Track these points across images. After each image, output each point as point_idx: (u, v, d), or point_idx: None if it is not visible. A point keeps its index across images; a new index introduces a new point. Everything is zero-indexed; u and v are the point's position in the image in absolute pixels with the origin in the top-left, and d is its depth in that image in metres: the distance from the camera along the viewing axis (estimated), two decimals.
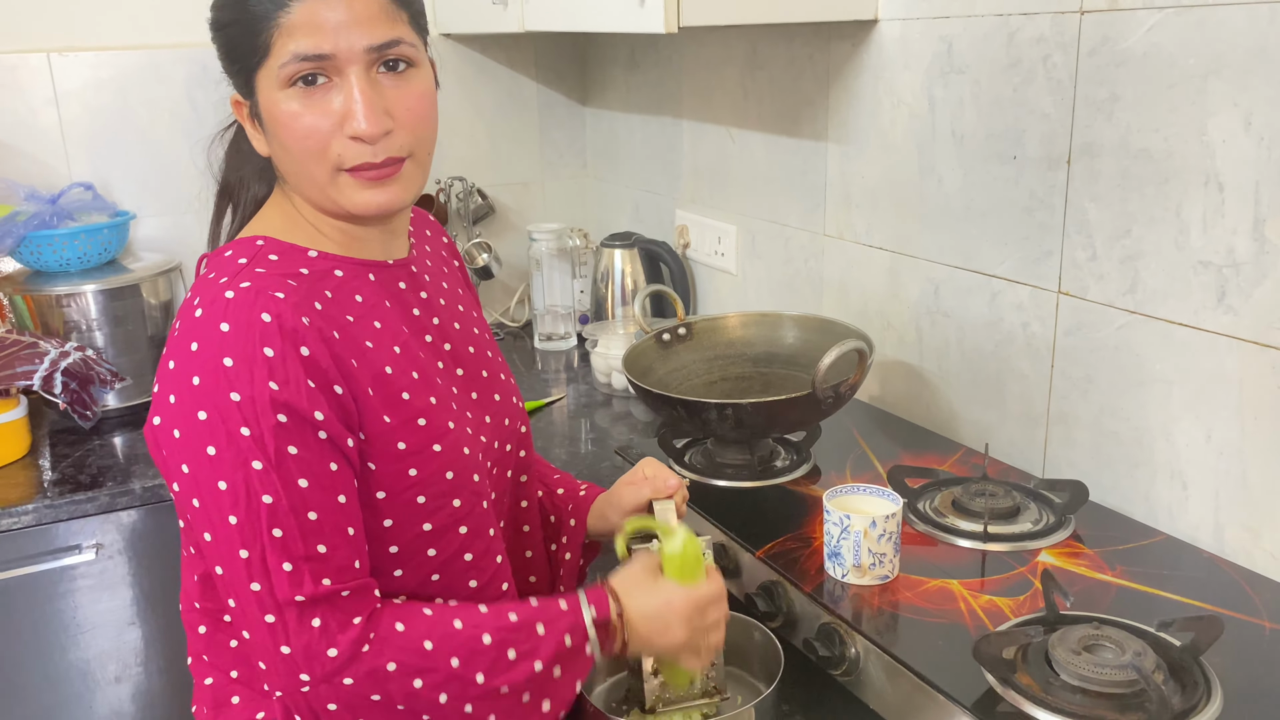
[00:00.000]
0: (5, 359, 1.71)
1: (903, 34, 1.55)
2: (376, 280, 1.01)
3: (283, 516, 0.88)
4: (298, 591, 0.88)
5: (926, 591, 1.14)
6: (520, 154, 2.54)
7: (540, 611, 0.97)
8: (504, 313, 2.56)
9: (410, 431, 0.96)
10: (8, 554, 1.61)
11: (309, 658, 0.89)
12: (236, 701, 1.03)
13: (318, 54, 0.90)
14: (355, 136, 0.92)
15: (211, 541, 0.89)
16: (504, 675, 0.93)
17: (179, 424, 0.88)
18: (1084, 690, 0.93)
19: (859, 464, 1.47)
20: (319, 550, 0.89)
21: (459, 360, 1.07)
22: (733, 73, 1.97)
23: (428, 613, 0.95)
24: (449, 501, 0.99)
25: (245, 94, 0.96)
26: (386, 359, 0.97)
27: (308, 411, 0.88)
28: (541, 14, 1.81)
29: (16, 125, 2.05)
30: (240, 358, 0.87)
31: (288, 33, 0.90)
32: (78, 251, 1.90)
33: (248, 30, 0.92)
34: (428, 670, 0.92)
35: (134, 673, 1.74)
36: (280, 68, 0.91)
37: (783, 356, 1.61)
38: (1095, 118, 1.29)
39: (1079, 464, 1.39)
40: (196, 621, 1.04)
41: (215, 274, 0.93)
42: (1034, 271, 1.41)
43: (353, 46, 0.91)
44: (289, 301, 0.89)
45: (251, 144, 1.01)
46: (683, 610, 0.99)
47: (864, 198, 1.69)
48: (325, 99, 0.92)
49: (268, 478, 0.87)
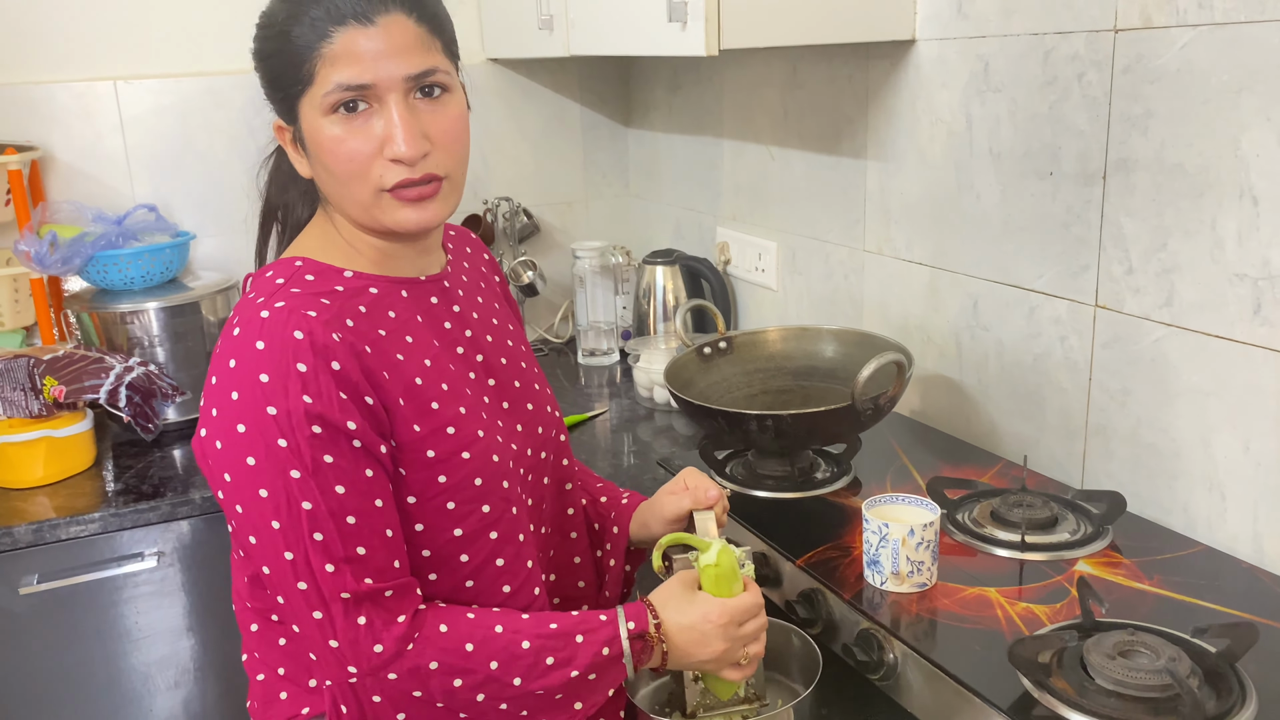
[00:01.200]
0: (73, 374, 1.78)
1: (940, 53, 1.58)
2: (409, 296, 1.06)
3: (322, 521, 0.93)
4: (342, 589, 0.93)
5: (964, 599, 1.16)
6: (565, 174, 2.60)
7: (580, 622, 1.01)
8: (548, 329, 2.61)
9: (439, 440, 1.00)
10: (75, 560, 1.67)
11: (356, 652, 0.94)
12: (284, 697, 1.08)
13: (359, 83, 0.95)
14: (395, 159, 0.97)
15: (257, 544, 0.95)
16: (540, 680, 0.98)
17: (221, 436, 0.94)
18: (1119, 694, 0.95)
19: (899, 476, 1.49)
20: (359, 552, 0.94)
21: (491, 371, 1.12)
22: (773, 92, 2.01)
23: (470, 616, 0.99)
24: (478, 507, 1.03)
25: (288, 119, 1.01)
26: (417, 371, 1.01)
27: (341, 422, 0.93)
28: (586, 38, 1.86)
29: (85, 150, 2.14)
30: (275, 374, 0.92)
31: (330, 62, 0.95)
32: (141, 270, 1.98)
33: (291, 60, 0.96)
34: (467, 671, 0.96)
35: (190, 679, 1.79)
36: (324, 96, 0.96)
37: (822, 370, 1.64)
38: (1130, 133, 1.31)
39: (1117, 476, 1.40)
40: (249, 620, 1.10)
41: (255, 294, 0.99)
42: (1071, 285, 1.43)
43: (392, 75, 0.96)
44: (320, 319, 0.94)
45: (294, 167, 1.06)
46: (720, 622, 1.02)
47: (903, 214, 1.72)
48: (366, 125, 0.97)
49: (306, 485, 0.92)
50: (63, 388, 1.76)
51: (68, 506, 1.69)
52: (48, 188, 2.12)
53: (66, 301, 2.02)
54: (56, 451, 1.77)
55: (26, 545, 1.64)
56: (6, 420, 1.75)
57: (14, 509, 1.68)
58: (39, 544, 1.64)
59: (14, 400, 1.74)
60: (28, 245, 1.87)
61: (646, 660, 1.03)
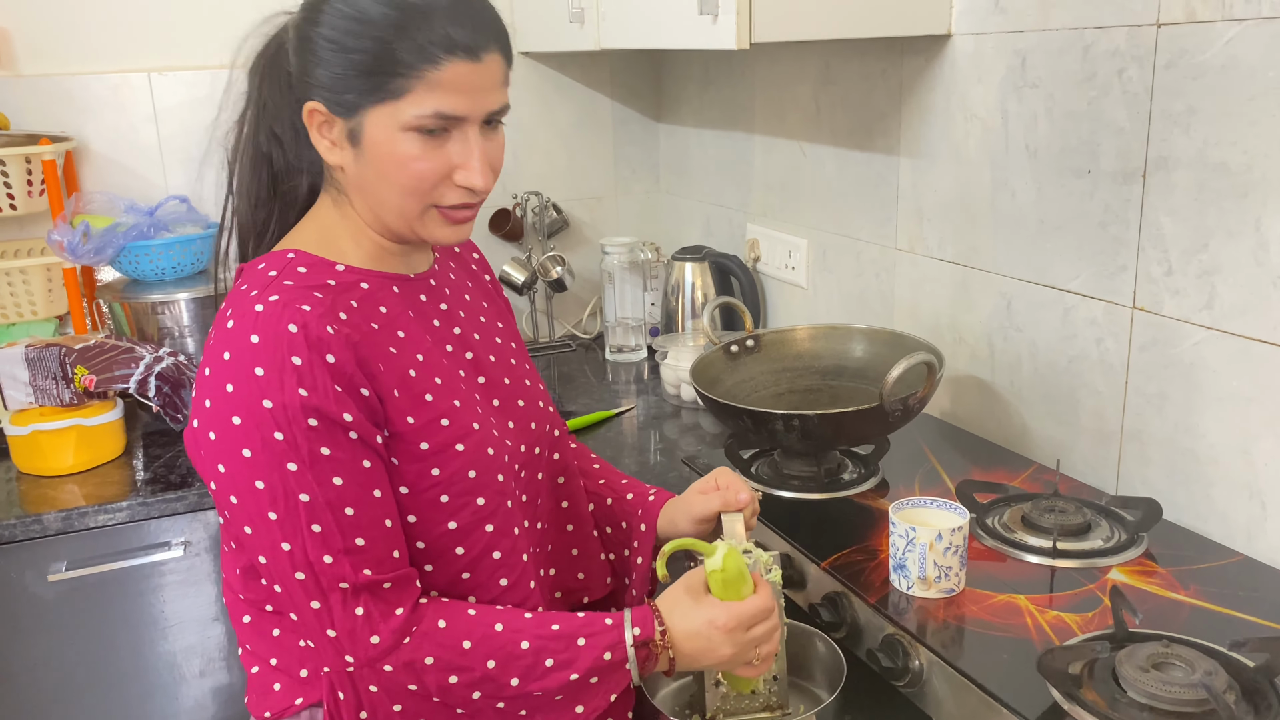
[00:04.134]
0: (104, 363, 1.80)
1: (976, 48, 1.55)
2: (400, 292, 1.06)
3: (320, 513, 0.92)
4: (341, 579, 0.93)
5: (993, 606, 1.13)
6: (595, 169, 2.58)
7: (585, 625, 1.00)
8: (576, 325, 2.60)
9: (433, 432, 1.00)
10: (104, 548, 1.69)
11: (353, 642, 0.94)
12: (278, 689, 1.08)
13: (457, 115, 0.96)
14: (468, 188, 0.99)
15: (252, 535, 0.94)
16: (538, 682, 0.97)
17: (215, 428, 0.93)
18: (1152, 708, 0.92)
19: (928, 478, 1.47)
20: (357, 543, 0.94)
21: (480, 369, 1.11)
22: (805, 88, 1.98)
23: (472, 613, 0.99)
24: (472, 500, 1.02)
25: (342, 113, 0.97)
26: (410, 364, 1.01)
27: (337, 414, 0.93)
28: (617, 32, 1.85)
29: (119, 141, 2.16)
30: (270, 367, 0.91)
31: (432, 86, 0.94)
32: (172, 261, 1.99)
33: (383, 69, 0.94)
34: (463, 669, 0.96)
35: (217, 668, 1.80)
36: (415, 116, 0.95)
37: (851, 369, 1.61)
38: (1172, 131, 1.27)
39: (1153, 482, 1.37)
40: (241, 612, 1.10)
41: (247, 286, 0.98)
42: (1108, 286, 1.39)
43: (482, 110, 0.98)
44: (314, 313, 0.94)
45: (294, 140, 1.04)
46: (726, 627, 1.00)
47: (936, 212, 1.69)
48: (442, 149, 0.97)
49: (303, 478, 0.92)
50: (93, 377, 1.77)
51: (97, 495, 1.70)
52: (81, 178, 2.14)
53: (99, 291, 2.04)
54: (87, 440, 1.78)
55: (56, 533, 1.65)
56: (38, 408, 1.77)
57: (44, 496, 1.70)
58: (68, 531, 1.66)
59: (46, 389, 1.76)
60: (61, 235, 1.88)
61: (653, 667, 1.01)
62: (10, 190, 1.92)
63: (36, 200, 1.96)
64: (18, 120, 2.06)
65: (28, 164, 1.93)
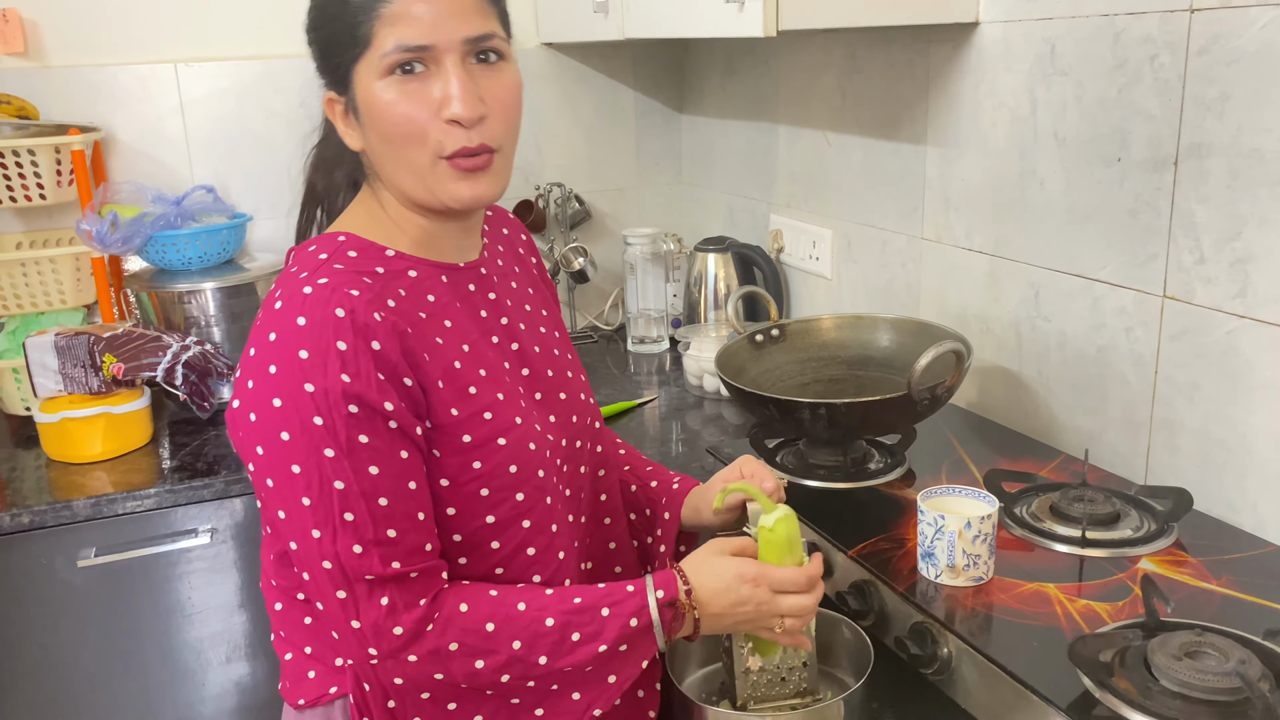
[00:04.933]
0: (131, 352, 1.81)
1: (1004, 36, 1.54)
2: (448, 282, 1.05)
3: (354, 501, 0.92)
4: (367, 571, 0.92)
5: (1021, 594, 1.13)
6: (617, 160, 2.58)
7: (606, 595, 0.99)
8: (598, 316, 2.60)
9: (476, 425, 0.99)
10: (131, 535, 1.70)
11: (377, 634, 0.93)
12: (313, 676, 1.07)
13: (419, 44, 0.94)
14: (453, 120, 0.95)
15: (285, 519, 0.94)
16: (567, 657, 0.96)
17: (255, 408, 0.93)
18: (1185, 697, 0.92)
19: (955, 468, 1.46)
20: (389, 534, 0.93)
21: (525, 360, 1.10)
22: (830, 77, 1.98)
23: (493, 594, 0.97)
24: (512, 495, 1.01)
25: (341, 89, 0.99)
26: (455, 355, 1.00)
27: (378, 402, 0.92)
28: (641, 21, 1.84)
29: (145, 131, 2.17)
30: (315, 350, 0.91)
31: (389, 23, 0.94)
32: (199, 251, 2.00)
33: (347, 24, 0.95)
34: (489, 652, 0.95)
35: (241, 655, 1.81)
36: (382, 57, 0.94)
37: (877, 359, 1.61)
38: (1205, 118, 1.26)
39: (1183, 472, 1.36)
40: (274, 598, 1.09)
41: (297, 268, 0.98)
42: (1138, 275, 1.38)
43: (451, 37, 0.95)
44: (363, 299, 0.93)
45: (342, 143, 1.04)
46: (755, 580, 1.00)
47: (963, 201, 1.68)
48: (423, 87, 0.96)
49: (339, 465, 0.91)
50: (121, 365, 1.78)
51: (125, 482, 1.71)
52: (109, 168, 2.15)
53: (126, 281, 2.06)
54: (115, 428, 1.80)
55: (85, 519, 1.66)
56: (67, 396, 1.78)
57: (73, 483, 1.71)
58: (96, 518, 1.67)
59: (75, 377, 1.77)
60: (89, 225, 1.90)
61: (679, 629, 1.00)
62: (40, 180, 1.93)
63: (65, 190, 1.98)
64: (47, 111, 2.08)
65: (57, 154, 1.94)
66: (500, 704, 1.00)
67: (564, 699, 1.00)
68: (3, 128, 1.92)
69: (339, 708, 1.05)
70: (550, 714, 1.00)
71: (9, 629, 1.67)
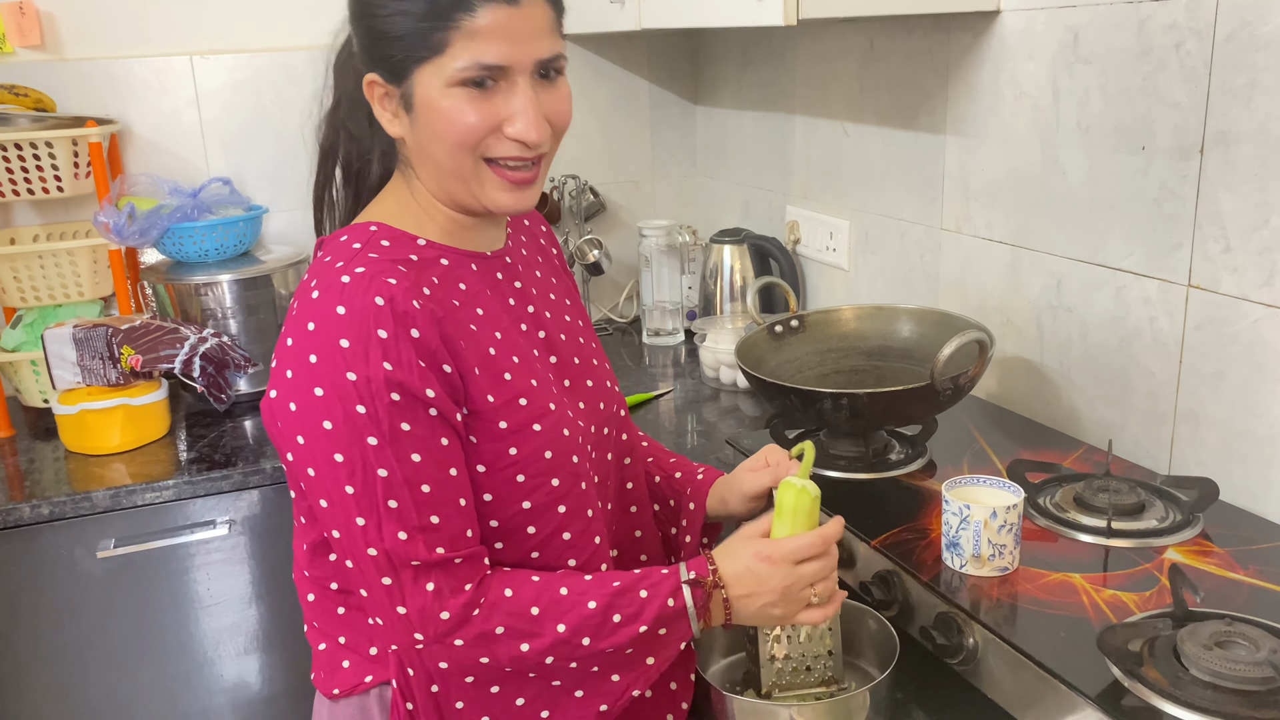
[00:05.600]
0: (149, 344, 1.81)
1: (1026, 24, 1.53)
2: (478, 270, 1.05)
3: (397, 489, 0.92)
4: (413, 557, 0.93)
5: (1047, 584, 1.12)
6: (632, 152, 2.58)
7: (643, 577, 1.00)
8: (613, 308, 2.60)
9: (512, 411, 0.99)
10: (149, 526, 1.70)
11: (423, 619, 0.94)
12: (347, 666, 1.08)
13: (497, 64, 0.94)
14: (518, 140, 0.97)
15: (328, 508, 0.94)
16: (610, 638, 0.97)
17: (295, 398, 0.93)
18: (1215, 686, 0.91)
19: (976, 459, 1.45)
20: (432, 521, 0.93)
21: (552, 348, 1.10)
22: (849, 67, 1.97)
23: (535, 579, 0.98)
24: (547, 480, 1.01)
25: (393, 79, 0.98)
26: (489, 342, 1.00)
27: (419, 390, 0.92)
28: (658, 11, 1.83)
29: (162, 124, 2.18)
30: (356, 339, 0.91)
31: (469, 36, 0.92)
32: (215, 243, 2.00)
33: (419, 24, 0.93)
34: (534, 635, 0.96)
35: (258, 646, 1.82)
36: (457, 69, 0.93)
37: (897, 350, 1.60)
38: (1232, 105, 1.25)
39: (1208, 463, 1.35)
40: (307, 589, 1.10)
41: (332, 258, 0.97)
42: (1163, 265, 1.37)
43: (526, 59, 0.95)
44: (401, 286, 0.93)
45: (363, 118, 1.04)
46: (771, 558, 1.00)
47: (983, 191, 1.67)
48: (491, 102, 0.95)
49: (383, 453, 0.91)
50: (139, 357, 1.79)
51: (143, 473, 1.72)
52: (126, 161, 2.16)
53: (143, 273, 2.06)
54: (133, 419, 1.80)
55: (104, 510, 1.67)
56: (85, 388, 1.79)
57: (92, 474, 1.72)
58: (116, 509, 1.68)
59: (93, 368, 1.78)
60: (107, 217, 1.90)
61: (712, 613, 1.01)
62: (58, 172, 1.93)
63: (83, 182, 1.98)
64: (64, 104, 2.08)
65: (74, 146, 1.94)
66: (542, 686, 1.01)
67: (604, 680, 1.00)
68: (20, 120, 1.92)
69: (374, 697, 1.06)
70: (590, 695, 1.01)
71: (29, 620, 1.68)
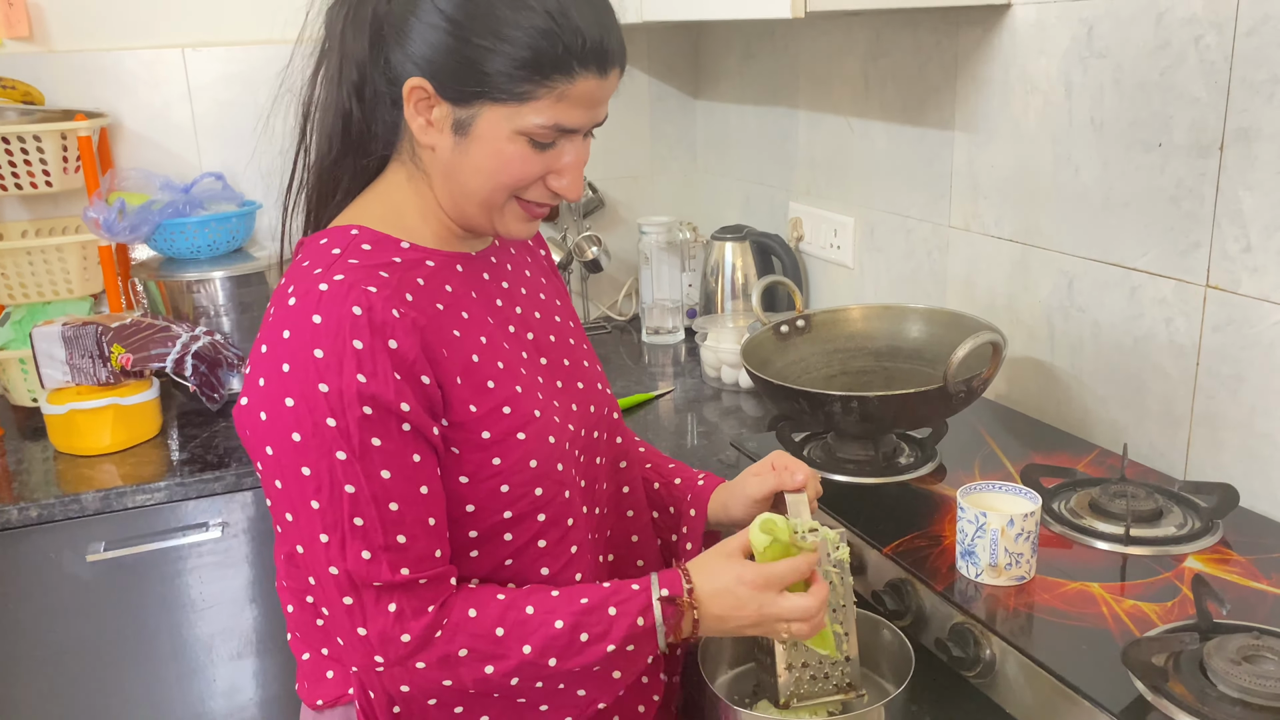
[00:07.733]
0: (140, 342, 1.77)
1: (1038, 18, 1.50)
2: (464, 271, 1.02)
3: (364, 506, 0.89)
4: (376, 578, 0.90)
5: (1065, 594, 1.09)
6: (631, 147, 2.54)
7: (612, 594, 0.97)
8: (611, 306, 2.56)
9: (495, 420, 0.96)
10: (141, 529, 1.67)
11: (384, 641, 0.91)
12: (331, 676, 1.05)
13: (572, 128, 0.94)
14: (560, 194, 0.98)
15: (293, 522, 0.91)
16: (576, 658, 0.94)
17: (266, 407, 0.90)
18: (1244, 703, 0.88)
19: (988, 463, 1.42)
20: (398, 540, 0.90)
21: (541, 350, 1.08)
22: (854, 61, 1.93)
23: (500, 598, 0.95)
24: (531, 490, 0.99)
25: (452, 100, 0.92)
26: (473, 348, 0.97)
27: (393, 403, 0.89)
28: (661, 3, 1.80)
29: (153, 118, 2.13)
30: (330, 350, 0.88)
31: (558, 98, 0.91)
32: (207, 239, 1.97)
33: (515, 70, 0.90)
34: (499, 657, 0.93)
35: (252, 650, 1.78)
36: (535, 125, 0.92)
37: (906, 350, 1.56)
38: (1253, 101, 1.22)
39: (1226, 468, 1.32)
40: (286, 600, 1.07)
41: (310, 263, 0.94)
42: (1179, 264, 1.34)
43: (591, 124, 0.97)
44: (381, 295, 0.90)
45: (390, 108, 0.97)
46: (755, 584, 0.97)
47: (993, 188, 1.64)
48: (546, 155, 0.95)
49: (351, 468, 0.89)
50: (130, 356, 1.75)
51: (134, 475, 1.68)
52: (116, 155, 2.11)
53: (134, 269, 2.02)
54: (124, 419, 1.76)
55: (94, 513, 1.63)
56: (75, 387, 1.75)
57: (82, 476, 1.68)
58: (106, 511, 1.64)
59: (83, 368, 1.74)
60: (97, 212, 1.86)
61: (676, 628, 0.98)
62: (46, 167, 1.89)
63: (72, 177, 1.94)
64: (52, 96, 2.04)
65: (63, 140, 1.90)
66: (507, 704, 0.99)
67: (569, 695, 0.98)
68: (8, 113, 1.88)
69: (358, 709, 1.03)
70: (555, 710, 0.99)
71: (18, 624, 1.64)
